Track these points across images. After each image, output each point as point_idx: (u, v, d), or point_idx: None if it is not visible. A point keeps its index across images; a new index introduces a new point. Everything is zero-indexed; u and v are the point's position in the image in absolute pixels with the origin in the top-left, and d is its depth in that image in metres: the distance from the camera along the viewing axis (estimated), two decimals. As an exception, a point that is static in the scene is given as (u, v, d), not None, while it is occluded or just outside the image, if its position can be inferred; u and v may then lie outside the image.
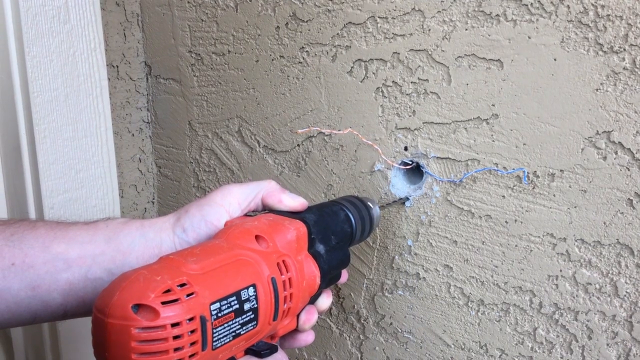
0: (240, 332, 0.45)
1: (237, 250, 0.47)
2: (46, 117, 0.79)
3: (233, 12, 0.82)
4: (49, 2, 0.78)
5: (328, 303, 0.58)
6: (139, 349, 0.39)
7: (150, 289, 0.40)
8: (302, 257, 0.52)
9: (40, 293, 0.50)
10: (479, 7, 0.61)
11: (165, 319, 0.40)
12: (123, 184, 0.96)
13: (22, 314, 0.50)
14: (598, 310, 0.60)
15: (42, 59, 0.78)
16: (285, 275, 0.49)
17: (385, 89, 0.69)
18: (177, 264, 0.43)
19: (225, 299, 0.44)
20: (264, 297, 0.47)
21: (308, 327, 0.55)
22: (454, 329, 0.70)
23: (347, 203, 0.60)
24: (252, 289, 0.46)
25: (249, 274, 0.46)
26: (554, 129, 0.59)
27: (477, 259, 0.66)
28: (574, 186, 0.59)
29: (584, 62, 0.56)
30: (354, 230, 0.59)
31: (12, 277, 0.49)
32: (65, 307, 0.51)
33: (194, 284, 0.42)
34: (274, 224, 0.52)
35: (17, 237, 0.51)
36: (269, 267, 0.48)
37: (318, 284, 0.53)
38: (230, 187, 0.56)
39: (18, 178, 0.80)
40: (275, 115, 0.81)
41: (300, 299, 0.51)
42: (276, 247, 0.50)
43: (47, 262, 0.50)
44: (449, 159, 0.66)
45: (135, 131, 0.97)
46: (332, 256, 0.56)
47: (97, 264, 0.51)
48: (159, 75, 0.94)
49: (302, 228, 0.53)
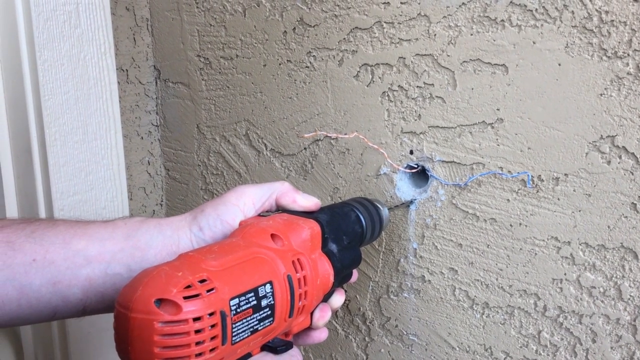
0: (257, 328, 0.46)
1: (254, 248, 0.48)
2: (57, 120, 0.80)
3: (241, 17, 0.82)
4: (60, 7, 0.79)
5: (341, 301, 0.59)
6: (161, 342, 0.40)
7: (172, 284, 0.41)
8: (316, 256, 0.53)
9: (61, 288, 0.51)
10: (484, 13, 0.61)
11: (188, 313, 0.40)
12: (132, 186, 0.97)
13: (43, 309, 0.51)
14: (602, 313, 0.60)
15: (53, 63, 0.79)
16: (300, 273, 0.50)
17: (391, 93, 0.70)
18: (196, 261, 0.44)
19: (244, 295, 0.44)
20: (280, 294, 0.48)
21: (322, 325, 0.55)
22: (459, 331, 0.70)
23: (357, 204, 0.62)
24: (269, 285, 0.47)
25: (265, 271, 0.47)
26: (559, 134, 0.59)
27: (482, 262, 0.67)
28: (578, 190, 0.59)
29: (588, 67, 0.57)
30: (364, 231, 0.61)
31: (33, 273, 0.50)
32: (85, 302, 0.52)
33: (214, 279, 0.43)
34: (289, 223, 0.53)
35: (38, 234, 0.51)
36: (285, 265, 0.49)
37: (332, 282, 0.54)
38: (245, 188, 0.58)
39: (29, 180, 0.81)
40: (283, 118, 0.81)
41: (315, 296, 0.52)
42: (291, 245, 0.51)
43: (67, 258, 0.51)
44: (454, 162, 0.66)
45: (144, 134, 0.98)
46: (345, 255, 0.57)
47: (116, 260, 0.52)
48: (167, 79, 0.95)
49: (316, 227, 0.54)
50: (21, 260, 0.50)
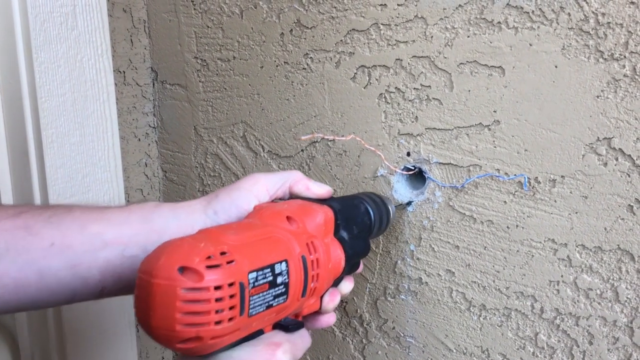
0: (272, 304, 0.47)
1: (271, 227, 0.50)
2: (54, 121, 0.80)
3: (238, 19, 0.82)
4: (57, 8, 0.79)
5: (350, 287, 0.60)
6: (183, 308, 0.41)
7: (195, 254, 0.42)
8: (329, 240, 0.55)
9: (80, 271, 0.52)
10: (480, 15, 0.61)
11: (209, 281, 0.42)
12: (129, 188, 0.96)
13: (62, 292, 0.52)
14: (599, 315, 0.60)
15: (50, 65, 0.79)
16: (314, 255, 0.52)
17: (388, 95, 0.70)
18: (217, 235, 0.46)
19: (262, 269, 0.46)
20: (295, 273, 0.49)
21: (331, 309, 0.57)
22: (456, 333, 0.70)
23: (366, 198, 0.63)
24: (285, 264, 0.48)
25: (281, 250, 0.49)
26: (555, 135, 0.59)
27: (479, 264, 0.67)
28: (575, 192, 0.59)
29: (584, 69, 0.57)
30: (372, 223, 0.62)
31: (52, 257, 0.51)
32: (102, 284, 0.53)
33: (234, 253, 0.44)
34: (303, 207, 0.55)
35: (56, 219, 0.53)
36: (300, 246, 0.50)
37: (343, 267, 0.56)
38: (259, 175, 0.59)
39: (26, 182, 0.81)
40: (280, 120, 0.81)
41: (326, 280, 0.54)
42: (305, 228, 0.53)
43: (85, 242, 0.52)
44: (451, 164, 0.66)
45: (142, 136, 0.97)
46: (355, 243, 0.58)
47: (132, 243, 0.54)
48: (165, 80, 0.95)
49: (330, 213, 0.56)
50: (40, 244, 0.51)
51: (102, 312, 0.90)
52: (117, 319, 0.91)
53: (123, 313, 0.92)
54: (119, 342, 0.92)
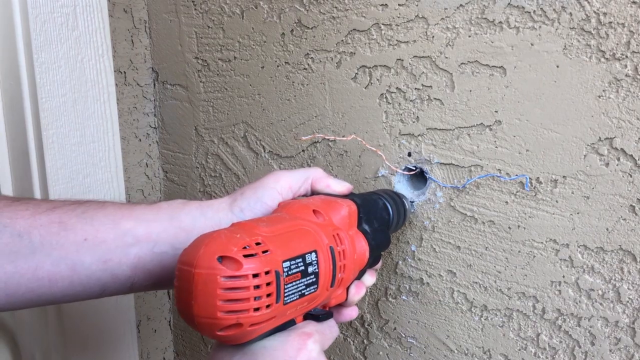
0: (304, 293, 0.49)
1: (299, 220, 0.52)
2: (54, 122, 0.80)
3: (239, 19, 0.82)
4: (57, 9, 0.79)
5: (372, 281, 0.62)
6: (224, 296, 0.43)
7: (232, 244, 0.44)
8: (353, 233, 0.57)
9: (111, 266, 0.54)
10: (482, 15, 0.61)
11: (247, 269, 0.44)
12: (130, 188, 0.96)
13: (93, 286, 0.54)
14: (601, 316, 0.60)
15: (51, 65, 0.79)
16: (340, 247, 0.54)
17: (389, 95, 0.70)
18: (250, 227, 0.48)
19: (294, 259, 0.48)
20: (324, 263, 0.51)
21: (357, 300, 0.59)
22: (458, 334, 0.70)
23: (383, 194, 0.65)
24: (314, 254, 0.50)
25: (311, 241, 0.51)
26: (557, 136, 0.59)
27: (480, 264, 0.67)
28: (576, 192, 0.59)
29: (586, 69, 0.56)
30: (391, 218, 0.64)
31: (84, 252, 0.53)
32: (132, 279, 0.55)
33: (268, 243, 0.46)
34: (328, 201, 0.57)
35: (89, 215, 0.54)
36: (327, 237, 0.52)
37: (367, 258, 0.58)
38: (281, 173, 0.60)
39: (26, 182, 0.81)
40: (281, 120, 0.81)
41: (352, 271, 0.56)
42: (331, 221, 0.55)
43: (117, 238, 0.54)
44: (453, 164, 0.66)
45: (142, 136, 0.97)
46: (378, 235, 0.60)
47: (162, 240, 0.55)
48: (165, 81, 0.95)
49: (353, 206, 0.58)
50: (73, 239, 0.52)
51: (103, 313, 0.90)
52: (117, 320, 0.91)
53: (124, 313, 0.92)
54: (119, 342, 0.92)
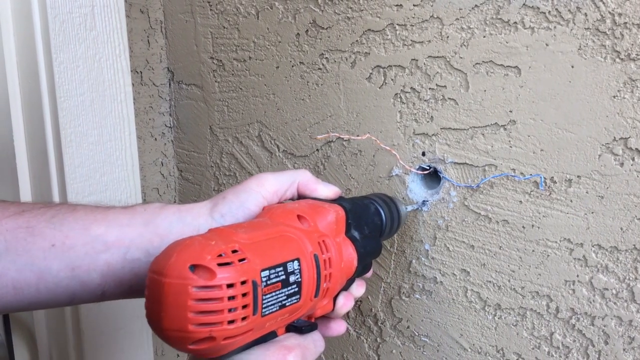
0: (285, 304, 0.46)
1: (282, 226, 0.49)
2: (72, 121, 0.81)
3: (254, 20, 0.83)
4: (75, 9, 0.80)
5: (361, 292, 0.60)
6: (195, 307, 0.40)
7: (206, 252, 0.42)
8: (340, 240, 0.54)
9: (80, 274, 0.51)
10: (496, 15, 0.62)
11: (221, 279, 0.41)
12: (146, 187, 0.97)
13: (61, 294, 0.51)
14: (615, 315, 0.60)
15: (69, 65, 0.80)
16: (326, 255, 0.51)
17: (404, 95, 0.70)
18: (228, 233, 0.45)
19: (274, 268, 0.45)
20: (308, 272, 0.48)
21: (345, 311, 0.56)
22: (471, 332, 0.71)
23: (377, 198, 0.63)
24: (297, 262, 0.47)
25: (293, 248, 0.48)
26: (571, 135, 0.59)
27: (494, 263, 0.67)
28: (591, 192, 0.59)
29: (601, 70, 0.57)
30: (383, 224, 0.62)
31: (52, 258, 0.50)
32: (103, 287, 0.52)
33: (245, 251, 0.44)
34: (314, 206, 0.54)
35: (58, 219, 0.52)
36: (312, 245, 0.50)
37: (355, 267, 0.55)
38: (266, 175, 0.58)
39: (45, 180, 0.82)
40: (295, 120, 0.82)
41: (339, 280, 0.53)
42: (317, 227, 0.52)
43: (86, 244, 0.51)
44: (467, 164, 0.67)
45: (158, 135, 0.98)
46: (367, 242, 0.58)
47: (135, 246, 0.53)
48: (181, 81, 0.96)
49: (341, 212, 0.55)
50: (40, 245, 0.50)
51: (119, 310, 0.91)
52: (132, 316, 0.92)
53: (139, 311, 0.93)
54: (135, 339, 0.93)
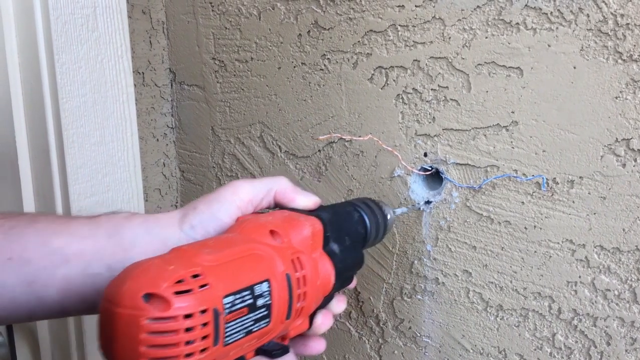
0: (252, 329, 0.43)
1: (252, 244, 0.46)
2: (74, 122, 0.81)
3: (256, 20, 0.83)
4: (78, 10, 0.80)
5: (342, 307, 0.56)
6: (148, 340, 0.37)
7: (163, 278, 0.38)
8: (317, 255, 0.51)
9: (36, 289, 0.48)
10: (499, 16, 0.62)
11: (178, 309, 0.38)
12: (147, 187, 0.98)
13: (19, 310, 0.49)
14: (617, 316, 0.60)
15: (71, 66, 0.80)
16: (300, 273, 0.47)
17: (406, 95, 0.70)
18: (190, 255, 0.42)
19: (239, 292, 0.42)
20: (278, 293, 0.45)
21: (323, 330, 0.53)
22: (473, 333, 0.71)
23: (361, 204, 0.59)
24: (266, 284, 0.44)
25: (263, 268, 0.45)
26: (574, 136, 0.59)
27: (496, 264, 0.67)
28: (593, 193, 0.59)
29: (603, 70, 0.57)
30: (367, 232, 0.58)
31: (8, 272, 0.47)
32: (62, 303, 0.49)
33: (208, 275, 0.40)
34: (289, 219, 0.50)
35: (17, 231, 0.48)
36: (284, 263, 0.46)
37: (332, 284, 0.51)
38: (241, 183, 0.54)
39: (47, 181, 0.82)
40: (297, 121, 0.82)
41: (314, 298, 0.50)
42: (291, 243, 0.48)
43: (44, 257, 0.48)
44: (469, 165, 0.67)
45: (160, 136, 0.99)
46: (347, 256, 0.54)
47: (97, 260, 0.49)
48: (183, 81, 0.96)
49: (318, 225, 0.51)
50: None
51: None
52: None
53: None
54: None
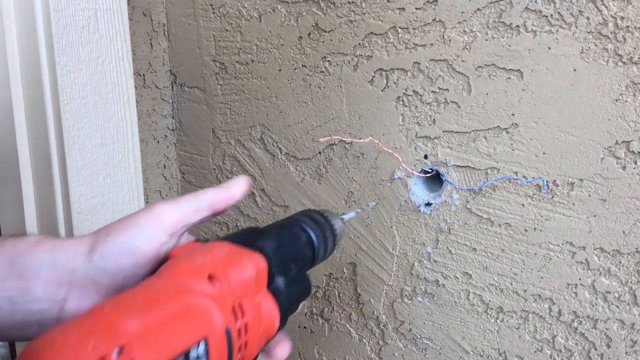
0: None
1: (186, 295, 0.41)
2: (75, 124, 0.81)
3: (257, 23, 0.83)
4: (79, 12, 0.80)
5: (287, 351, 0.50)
6: None
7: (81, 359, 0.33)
8: (261, 297, 0.46)
9: None
10: (499, 18, 0.62)
11: None
12: (148, 189, 0.98)
13: None
14: (617, 318, 0.60)
15: (72, 68, 0.80)
16: (241, 321, 0.43)
17: (406, 98, 0.70)
18: (114, 322, 0.36)
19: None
20: (217, 352, 0.40)
21: None
22: (473, 335, 0.71)
23: (308, 220, 0.54)
24: (203, 345, 0.39)
25: (199, 326, 0.40)
26: (574, 139, 0.59)
27: (496, 266, 0.67)
28: (593, 195, 0.59)
29: (603, 73, 0.57)
30: (315, 253, 0.53)
31: None
32: None
33: (135, 346, 0.35)
34: (230, 258, 0.45)
35: None
36: (223, 315, 0.41)
37: (277, 328, 0.47)
38: (163, 206, 0.47)
39: (47, 183, 0.82)
40: (297, 123, 0.82)
41: (256, 345, 0.45)
42: (231, 287, 0.43)
43: None
44: (469, 167, 0.67)
45: (161, 138, 0.99)
46: (293, 290, 0.49)
47: None
48: (183, 83, 0.96)
49: (262, 263, 0.46)
50: None
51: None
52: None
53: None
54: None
